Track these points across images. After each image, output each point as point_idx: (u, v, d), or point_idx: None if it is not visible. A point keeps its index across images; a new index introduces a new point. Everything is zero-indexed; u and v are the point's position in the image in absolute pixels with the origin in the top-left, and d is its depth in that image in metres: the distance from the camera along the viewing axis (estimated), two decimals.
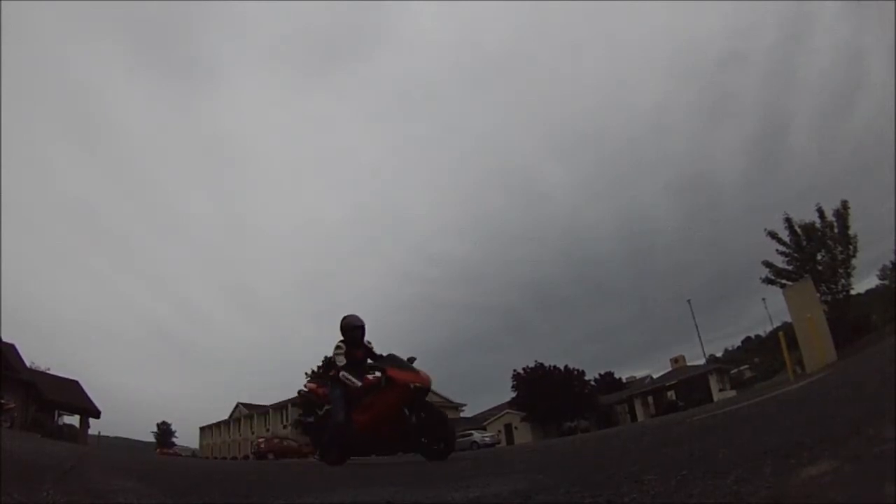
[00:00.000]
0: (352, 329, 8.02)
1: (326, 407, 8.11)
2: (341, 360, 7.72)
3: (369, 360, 7.99)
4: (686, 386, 46.39)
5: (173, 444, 75.23)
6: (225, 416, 71.14)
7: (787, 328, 23.21)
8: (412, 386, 7.14)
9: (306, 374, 43.10)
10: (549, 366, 48.22)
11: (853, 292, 26.39)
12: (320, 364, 42.56)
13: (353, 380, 7.50)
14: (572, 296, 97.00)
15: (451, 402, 60.03)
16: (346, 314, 8.08)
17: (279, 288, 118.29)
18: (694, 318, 50.47)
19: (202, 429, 76.36)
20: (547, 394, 44.57)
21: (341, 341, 7.92)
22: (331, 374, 8.09)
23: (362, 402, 7.42)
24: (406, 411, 7.25)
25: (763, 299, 48.33)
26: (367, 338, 8.12)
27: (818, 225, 25.92)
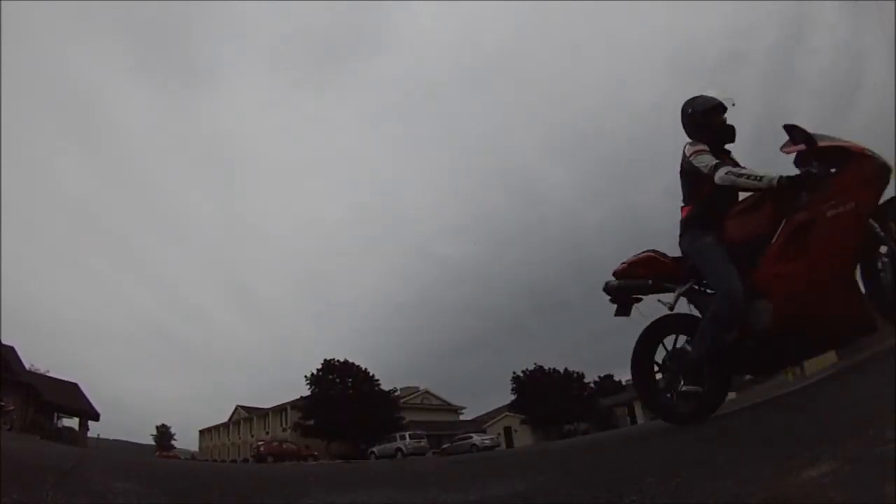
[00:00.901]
0: (713, 113, 4.16)
1: (680, 289, 4.16)
2: (708, 160, 3.91)
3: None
4: None
5: (173, 447, 75.06)
6: (224, 419, 71.09)
7: None
8: (881, 163, 3.33)
9: (306, 377, 43.08)
10: (549, 368, 48.30)
11: None
12: (320, 367, 42.52)
13: (760, 176, 3.64)
14: (572, 297, 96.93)
15: (451, 404, 59.96)
16: (693, 96, 4.29)
17: (279, 289, 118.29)
18: None
19: (201, 431, 76.32)
20: (546, 396, 44.55)
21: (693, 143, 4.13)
22: (684, 206, 4.21)
23: (778, 236, 3.56)
24: (876, 227, 3.30)
25: None
26: None
27: None
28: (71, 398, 36.49)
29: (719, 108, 4.17)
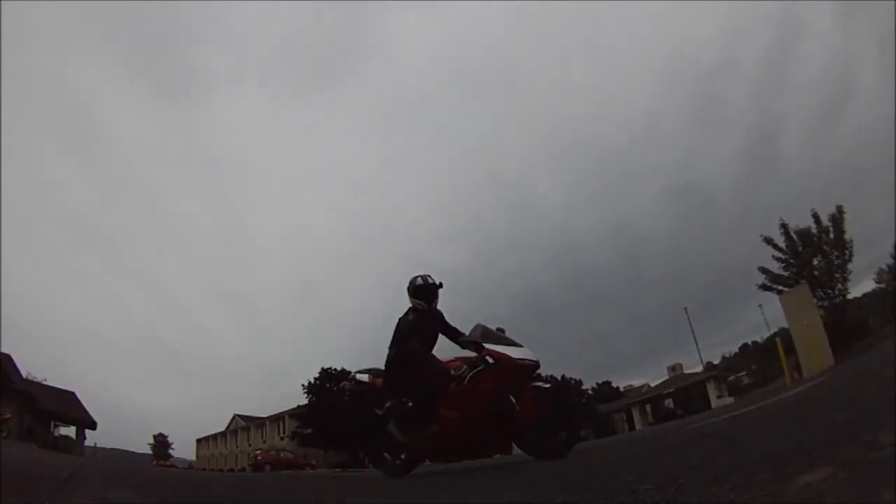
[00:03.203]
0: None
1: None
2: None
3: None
4: (684, 393, 46.32)
5: (170, 456, 74.71)
6: (222, 428, 70.78)
7: (784, 334, 23.25)
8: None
9: (303, 386, 42.93)
10: (546, 375, 48.26)
11: (850, 296, 26.39)
12: (317, 376, 42.37)
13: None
14: (567, 304, 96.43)
15: None
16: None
17: (275, 298, 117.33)
18: (691, 325, 50.19)
19: (199, 441, 75.93)
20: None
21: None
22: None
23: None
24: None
25: (760, 305, 48.19)
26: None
27: (814, 230, 25.94)
28: (67, 407, 36.27)
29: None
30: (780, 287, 25.35)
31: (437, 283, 5.86)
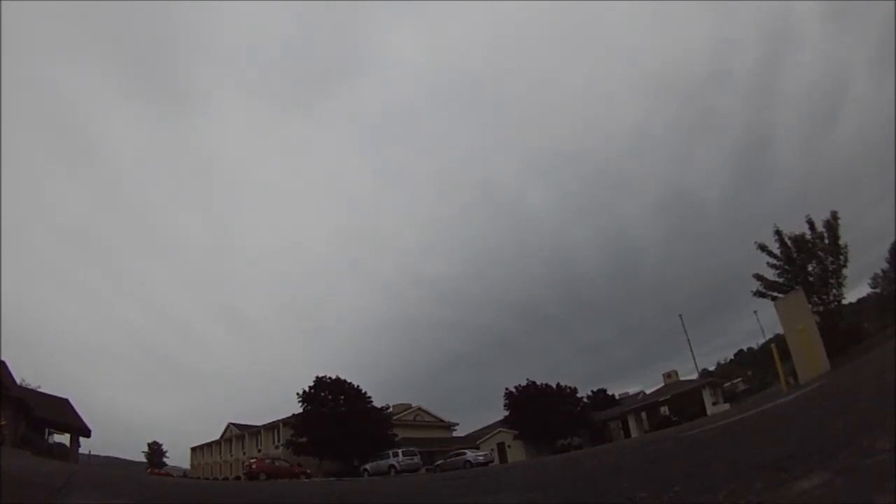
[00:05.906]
0: None
1: None
2: None
3: None
4: (679, 400, 46.17)
5: (164, 464, 74.15)
6: (216, 437, 70.39)
7: (779, 340, 23.21)
8: None
9: (297, 394, 42.77)
10: (541, 384, 47.92)
11: (845, 302, 26.34)
12: (311, 384, 42.22)
13: None
14: (562, 313, 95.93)
15: (443, 421, 59.57)
16: None
17: (269, 308, 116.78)
18: (686, 332, 50.07)
19: (193, 449, 75.41)
20: (539, 411, 44.27)
21: None
22: None
23: None
24: None
25: (755, 312, 48.08)
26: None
27: (808, 236, 25.94)
28: (62, 414, 35.92)
29: None
30: (775, 293, 25.28)
31: None
